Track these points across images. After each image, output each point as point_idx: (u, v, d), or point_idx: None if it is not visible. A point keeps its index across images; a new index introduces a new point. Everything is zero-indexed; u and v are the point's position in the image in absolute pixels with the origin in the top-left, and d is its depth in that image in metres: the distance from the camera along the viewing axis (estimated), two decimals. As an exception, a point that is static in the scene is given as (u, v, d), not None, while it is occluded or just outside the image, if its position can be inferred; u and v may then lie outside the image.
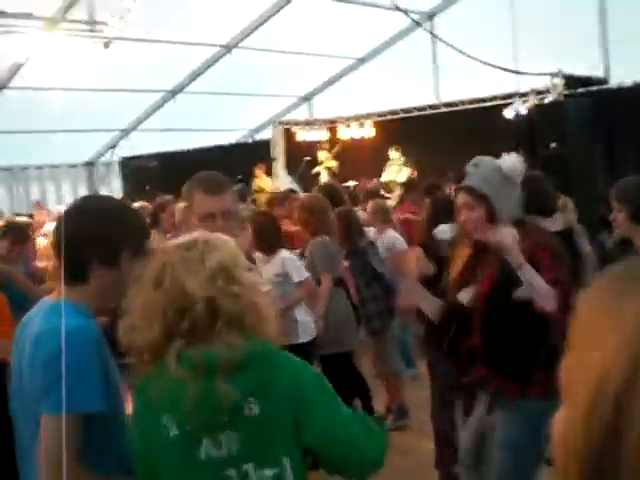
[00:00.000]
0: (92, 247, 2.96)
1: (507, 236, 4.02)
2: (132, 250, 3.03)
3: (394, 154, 18.98)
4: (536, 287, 3.99)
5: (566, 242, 7.29)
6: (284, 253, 7.54)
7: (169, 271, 2.65)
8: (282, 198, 12.19)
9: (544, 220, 7.38)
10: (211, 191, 4.07)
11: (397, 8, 15.33)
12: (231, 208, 4.14)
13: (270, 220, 7.80)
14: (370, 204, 10.41)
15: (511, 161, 4.29)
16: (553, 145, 14.79)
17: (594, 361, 1.24)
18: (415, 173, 18.49)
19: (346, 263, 8.33)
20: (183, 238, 2.83)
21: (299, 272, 7.48)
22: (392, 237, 9.72)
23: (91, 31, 15.25)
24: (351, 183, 18.88)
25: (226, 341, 2.59)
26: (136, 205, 10.45)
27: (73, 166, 24.39)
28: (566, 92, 16.12)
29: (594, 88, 16.70)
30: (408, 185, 15.52)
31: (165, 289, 2.63)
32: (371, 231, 9.74)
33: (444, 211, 8.11)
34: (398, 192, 16.34)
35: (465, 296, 4.39)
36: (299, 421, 2.68)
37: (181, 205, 7.92)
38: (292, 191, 14.97)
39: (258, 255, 7.40)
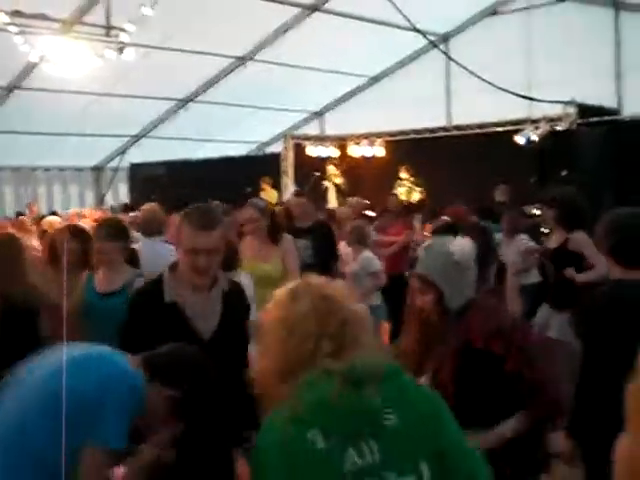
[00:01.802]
0: None
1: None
2: None
3: (404, 174, 18.94)
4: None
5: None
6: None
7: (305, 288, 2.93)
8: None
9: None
10: (200, 227, 4.19)
11: (414, 29, 15.32)
12: (217, 246, 4.27)
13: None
14: (349, 225, 10.42)
15: (461, 245, 4.30)
16: (564, 173, 14.74)
17: None
18: (424, 194, 18.48)
19: None
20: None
21: None
22: (367, 258, 9.72)
23: (107, 35, 15.25)
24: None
25: (369, 354, 2.81)
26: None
27: (80, 170, 24.44)
28: (579, 121, 16.10)
29: (607, 118, 16.66)
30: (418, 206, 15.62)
31: (314, 306, 2.85)
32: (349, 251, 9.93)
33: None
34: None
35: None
36: (434, 429, 2.82)
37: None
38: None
39: None
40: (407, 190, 18.86)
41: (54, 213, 16.86)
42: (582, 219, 7.86)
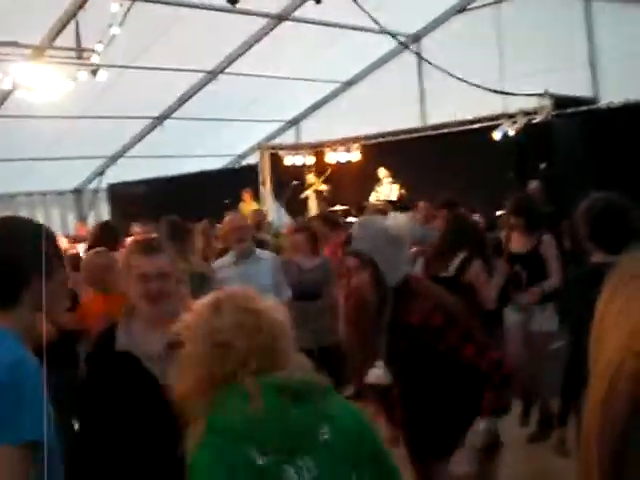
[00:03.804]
0: (31, 264, 2.81)
1: None
2: (59, 261, 2.98)
3: (382, 172, 18.93)
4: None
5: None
6: None
7: (229, 301, 2.78)
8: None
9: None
10: (145, 252, 4.08)
11: (385, 31, 15.36)
12: (166, 269, 4.09)
13: None
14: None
15: (397, 222, 4.27)
16: (543, 166, 14.79)
17: (612, 345, 1.32)
18: (404, 191, 18.48)
19: None
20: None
21: None
22: None
23: (78, 58, 15.24)
24: (339, 207, 18.96)
25: (298, 366, 2.77)
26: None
27: (61, 193, 24.41)
28: (554, 112, 16.11)
29: (583, 108, 16.68)
30: (399, 204, 15.56)
31: (228, 316, 2.73)
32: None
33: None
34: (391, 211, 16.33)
35: (377, 374, 4.29)
36: (365, 438, 2.86)
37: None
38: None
39: None
40: (388, 189, 18.87)
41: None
42: (541, 223, 8.44)
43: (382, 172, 18.99)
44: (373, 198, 18.65)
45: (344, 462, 2.72)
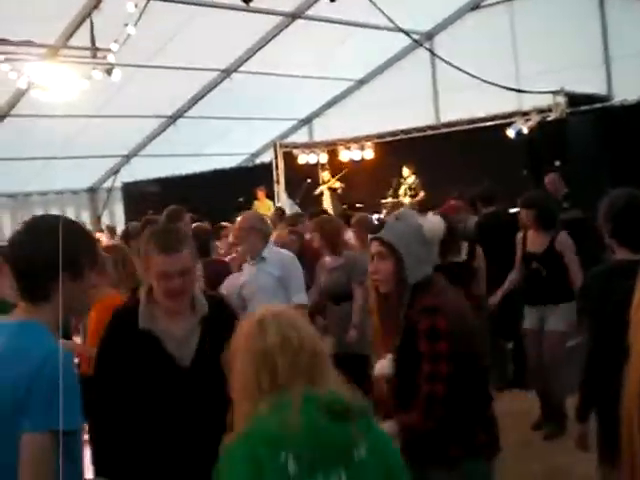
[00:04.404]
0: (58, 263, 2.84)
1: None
2: (91, 262, 3.01)
3: (406, 171, 18.77)
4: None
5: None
6: None
7: (273, 319, 2.84)
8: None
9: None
10: (166, 250, 4.02)
11: (399, 29, 15.34)
12: (187, 266, 4.08)
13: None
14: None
15: (432, 223, 4.22)
16: (557, 164, 14.73)
17: None
18: (422, 194, 18.37)
19: None
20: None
21: None
22: None
23: (93, 57, 15.28)
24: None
25: (337, 386, 2.81)
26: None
27: (75, 192, 24.49)
28: (568, 110, 16.07)
29: (597, 106, 16.61)
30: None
31: (283, 338, 2.80)
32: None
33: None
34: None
35: (384, 366, 4.25)
36: (391, 466, 2.87)
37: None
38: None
39: None
40: (404, 192, 18.76)
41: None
42: (556, 219, 8.42)
43: (406, 172, 18.81)
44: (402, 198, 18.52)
45: None
